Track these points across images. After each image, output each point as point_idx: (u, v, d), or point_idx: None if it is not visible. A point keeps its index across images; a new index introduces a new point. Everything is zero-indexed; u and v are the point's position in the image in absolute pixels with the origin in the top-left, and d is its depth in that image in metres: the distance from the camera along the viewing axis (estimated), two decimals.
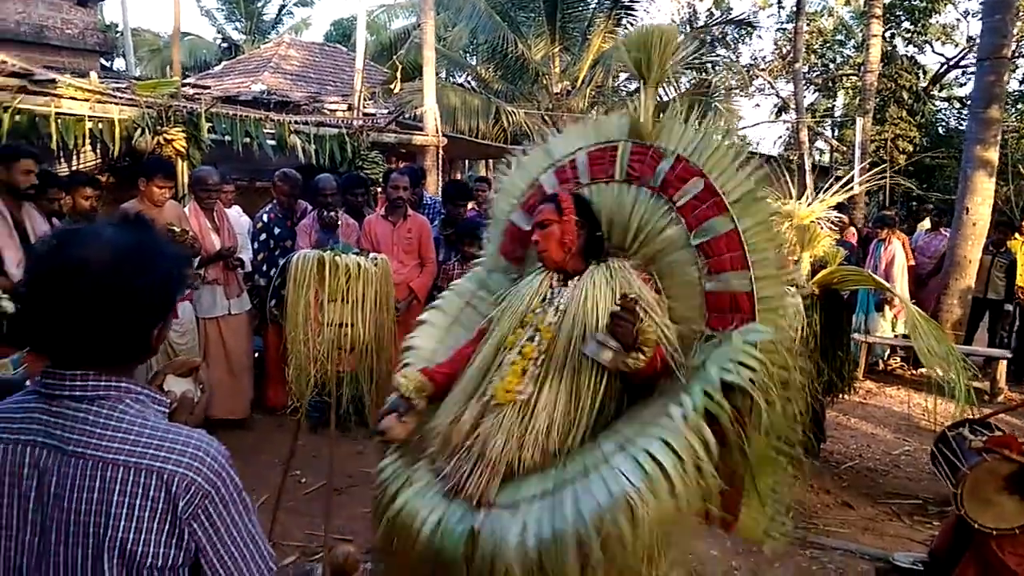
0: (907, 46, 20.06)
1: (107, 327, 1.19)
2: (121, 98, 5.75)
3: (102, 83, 6.00)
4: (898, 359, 8.42)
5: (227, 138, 6.27)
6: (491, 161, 20.42)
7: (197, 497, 1.19)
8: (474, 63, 18.67)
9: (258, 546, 1.28)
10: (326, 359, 3.33)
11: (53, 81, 5.87)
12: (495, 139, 15.25)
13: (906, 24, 19.53)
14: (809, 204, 4.65)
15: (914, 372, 8.04)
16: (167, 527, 1.18)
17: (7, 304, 3.62)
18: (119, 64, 19.17)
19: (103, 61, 16.71)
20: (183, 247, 4.43)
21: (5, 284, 3.83)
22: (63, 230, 1.33)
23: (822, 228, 4.65)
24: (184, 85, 7.12)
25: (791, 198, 4.93)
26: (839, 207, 5.29)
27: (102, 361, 1.22)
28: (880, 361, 8.26)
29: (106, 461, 1.18)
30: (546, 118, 16.57)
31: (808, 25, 19.21)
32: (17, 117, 5.29)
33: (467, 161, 19.11)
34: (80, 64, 11.70)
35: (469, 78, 18.22)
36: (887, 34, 18.21)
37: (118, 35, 16.97)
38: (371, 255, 3.37)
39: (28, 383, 1.70)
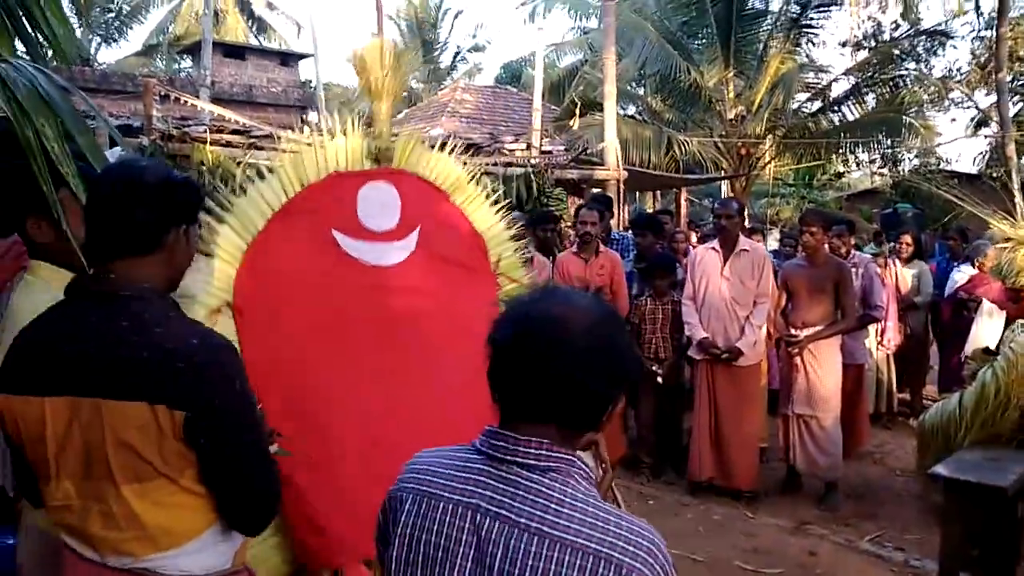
0: None
1: (579, 384, 1.12)
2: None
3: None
4: None
5: None
6: (658, 192, 20.22)
7: None
8: (642, 93, 18.59)
9: None
10: None
11: (271, 136, 6.43)
12: (666, 169, 15.05)
13: None
14: None
15: None
16: None
17: None
18: (313, 117, 20.93)
19: (302, 115, 18.28)
20: None
21: None
22: (539, 290, 1.27)
23: None
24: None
25: (1019, 220, 4.46)
26: None
27: (563, 420, 1.15)
28: None
29: (561, 542, 1.09)
30: (719, 145, 16.16)
31: (1011, 31, 17.52)
32: (248, 171, 5.80)
33: (636, 194, 19.00)
34: (283, 119, 12.83)
35: (639, 109, 18.15)
36: None
37: (311, 91, 18.49)
38: (592, 287, 3.36)
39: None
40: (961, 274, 6.52)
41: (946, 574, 3.78)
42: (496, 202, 2.71)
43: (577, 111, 12.27)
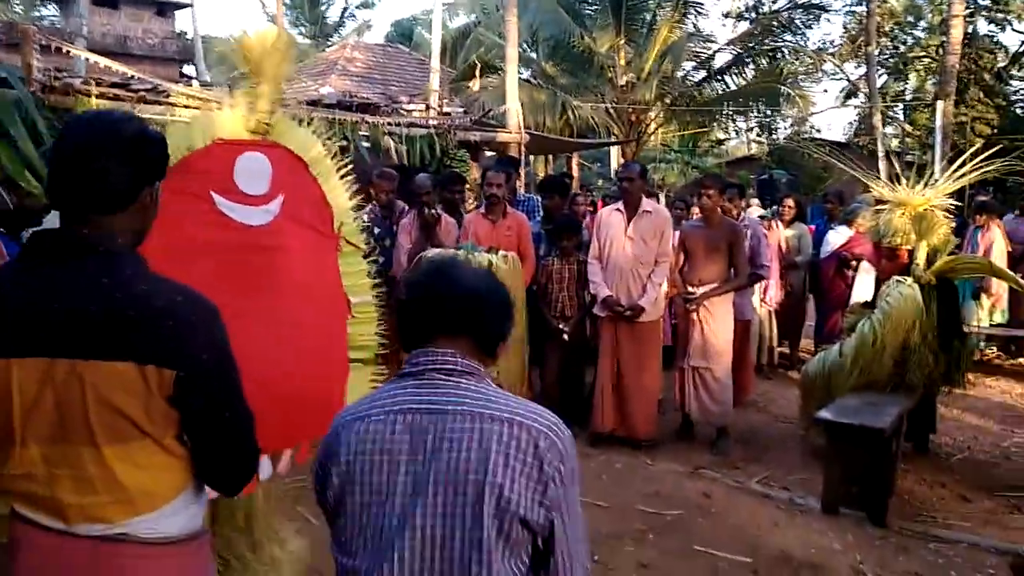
0: (988, 25, 19.36)
1: (480, 306, 1.45)
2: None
3: (203, 90, 6.22)
4: (995, 348, 8.17)
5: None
6: (550, 156, 20.47)
7: (557, 459, 1.33)
8: (536, 57, 18.69)
9: (584, 532, 1.42)
10: None
11: (157, 89, 6.12)
12: (561, 133, 15.27)
13: (986, 1, 18.83)
14: (923, 192, 4.56)
15: (1013, 362, 7.80)
16: (535, 479, 1.31)
17: None
18: (189, 71, 19.82)
19: (180, 69, 17.29)
20: None
21: None
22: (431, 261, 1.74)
23: (938, 216, 4.55)
24: None
25: (897, 184, 4.85)
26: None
27: (474, 338, 1.44)
28: (976, 351, 8.03)
29: (484, 415, 1.34)
30: (611, 111, 16.52)
31: (879, 6, 18.68)
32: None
33: (530, 158, 19.17)
34: (160, 72, 12.13)
35: (533, 73, 18.25)
36: (967, 13, 17.59)
37: (189, 42, 17.49)
38: (500, 252, 3.44)
39: None
40: (837, 235, 7.00)
41: (828, 509, 4.16)
42: (343, 176, 3.03)
43: (477, 73, 12.23)
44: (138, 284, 1.39)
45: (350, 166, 3.25)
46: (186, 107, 5.80)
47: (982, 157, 4.62)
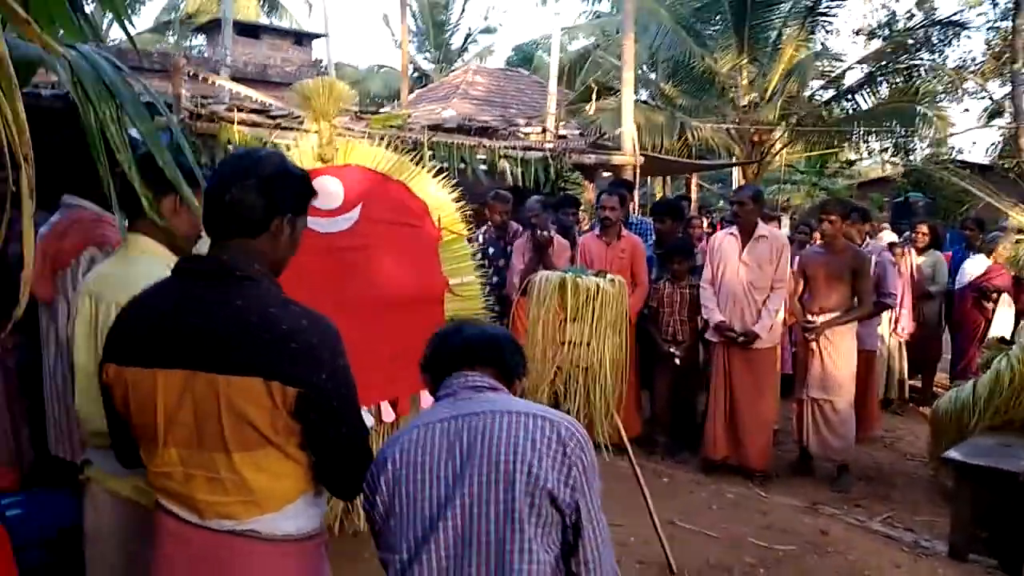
0: None
1: (503, 356, 1.76)
2: (356, 130, 6.24)
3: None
4: None
5: (444, 164, 6.65)
6: (668, 177, 20.21)
7: (578, 448, 1.52)
8: (655, 78, 18.55)
9: (606, 526, 1.57)
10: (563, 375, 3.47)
11: (293, 116, 6.49)
12: (678, 155, 15.06)
13: None
14: None
15: None
16: (559, 461, 1.49)
17: None
18: None
19: None
20: None
21: None
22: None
23: None
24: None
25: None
26: None
27: (499, 369, 1.72)
28: None
29: (511, 411, 1.55)
30: (732, 131, 16.16)
31: None
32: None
33: (648, 179, 19.01)
34: (299, 100, 12.85)
35: (651, 95, 18.12)
36: None
37: (324, 70, 18.47)
38: (608, 276, 3.46)
39: None
40: (975, 264, 6.58)
41: (956, 555, 3.90)
42: (437, 176, 3.66)
43: (593, 96, 12.28)
44: (268, 307, 1.52)
45: (460, 187, 3.67)
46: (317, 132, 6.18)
47: None
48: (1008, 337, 4.75)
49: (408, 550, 1.49)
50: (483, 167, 6.87)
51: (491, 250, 5.83)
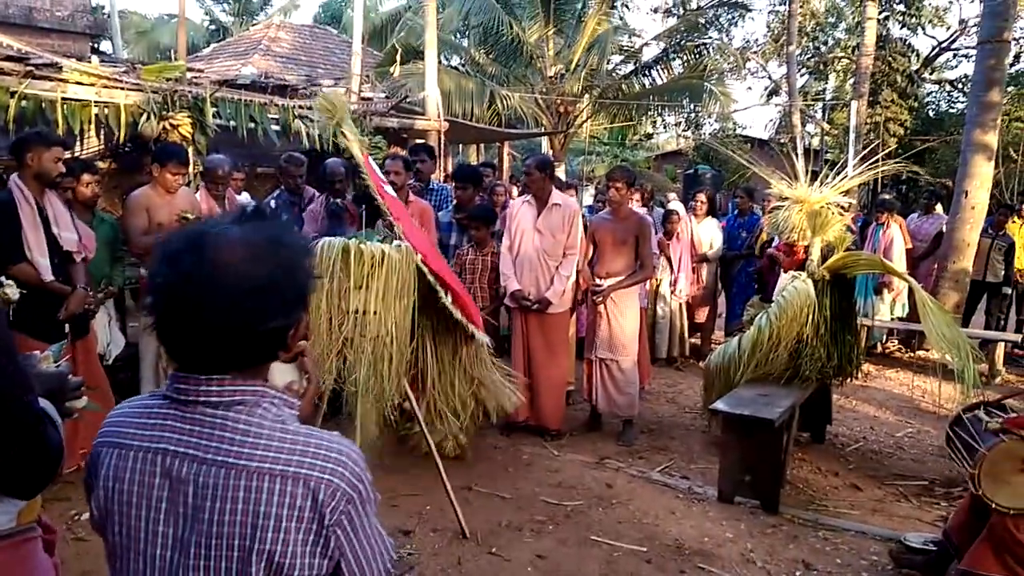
0: (900, 28, 20.12)
1: (246, 329, 1.11)
2: (126, 83, 5.68)
3: (104, 67, 5.94)
4: (895, 342, 8.51)
5: (231, 123, 6.23)
6: (482, 145, 20.38)
7: (342, 503, 1.15)
8: (466, 45, 18.54)
9: (382, 539, 1.24)
10: (346, 346, 3.37)
11: (55, 65, 5.80)
12: (489, 123, 15.19)
13: (900, 6, 19.56)
14: (820, 189, 4.69)
15: (912, 355, 8.13)
16: (313, 536, 1.13)
17: (11, 291, 3.61)
18: (105, 47, 18.94)
19: (93, 44, 16.46)
20: None
21: (30, 272, 3.81)
22: (187, 232, 1.16)
23: (833, 213, 4.68)
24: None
25: (796, 181, 4.96)
26: None
27: (239, 365, 1.15)
28: (878, 344, 8.36)
29: (250, 470, 1.12)
30: (540, 102, 16.52)
31: (801, 7, 19.19)
32: (24, 102, 5.22)
33: (460, 146, 19.04)
34: (70, 47, 11.51)
35: (462, 61, 18.10)
36: (881, 16, 18.23)
37: (105, 17, 16.70)
38: (395, 242, 3.38)
39: (71, 377, 1.69)
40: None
41: (723, 498, 4.25)
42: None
43: (398, 58, 12.01)
44: None
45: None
46: (78, 83, 5.56)
47: (878, 156, 4.77)
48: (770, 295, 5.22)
49: None
50: (276, 127, 6.50)
51: (284, 216, 5.55)
